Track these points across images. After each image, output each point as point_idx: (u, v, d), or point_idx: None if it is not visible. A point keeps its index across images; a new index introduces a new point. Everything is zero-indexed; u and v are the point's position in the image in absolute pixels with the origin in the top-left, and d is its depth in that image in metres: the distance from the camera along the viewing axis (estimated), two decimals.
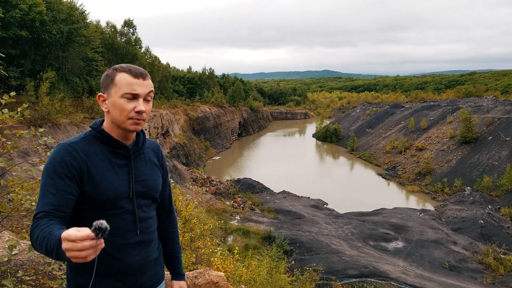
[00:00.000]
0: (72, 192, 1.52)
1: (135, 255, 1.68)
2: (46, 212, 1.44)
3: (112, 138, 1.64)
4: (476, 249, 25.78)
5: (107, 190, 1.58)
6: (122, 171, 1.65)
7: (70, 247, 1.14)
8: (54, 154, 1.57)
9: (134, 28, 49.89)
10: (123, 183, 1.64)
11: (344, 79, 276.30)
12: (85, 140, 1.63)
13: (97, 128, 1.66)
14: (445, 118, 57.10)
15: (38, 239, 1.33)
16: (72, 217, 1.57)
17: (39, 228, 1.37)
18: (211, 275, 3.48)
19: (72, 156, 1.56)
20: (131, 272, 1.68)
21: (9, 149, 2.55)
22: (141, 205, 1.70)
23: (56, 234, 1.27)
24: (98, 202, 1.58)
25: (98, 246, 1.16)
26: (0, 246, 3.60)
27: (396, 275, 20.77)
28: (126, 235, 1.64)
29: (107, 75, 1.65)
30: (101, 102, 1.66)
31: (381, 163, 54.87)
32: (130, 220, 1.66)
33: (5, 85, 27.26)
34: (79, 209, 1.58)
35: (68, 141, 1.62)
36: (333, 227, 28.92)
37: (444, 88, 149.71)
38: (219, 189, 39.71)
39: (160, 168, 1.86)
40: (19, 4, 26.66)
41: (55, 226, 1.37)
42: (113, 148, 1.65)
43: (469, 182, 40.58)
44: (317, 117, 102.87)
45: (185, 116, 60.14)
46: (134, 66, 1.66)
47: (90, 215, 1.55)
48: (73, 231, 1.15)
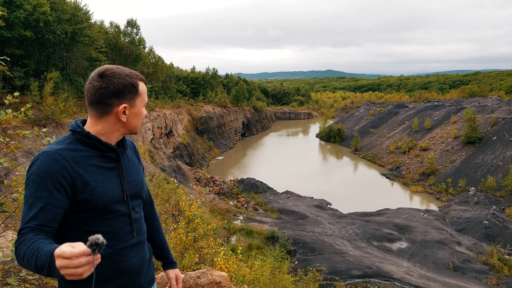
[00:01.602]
0: (61, 205, 1.43)
1: (133, 257, 1.66)
2: (31, 228, 1.36)
3: (101, 142, 1.56)
4: (480, 249, 25.65)
5: (102, 196, 1.52)
6: (112, 174, 1.60)
7: (65, 265, 1.09)
8: (41, 163, 1.44)
9: (137, 28, 50.10)
10: (116, 187, 1.59)
11: (347, 79, 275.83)
12: (71, 145, 1.53)
13: (82, 131, 1.56)
14: (449, 118, 56.84)
15: (25, 256, 1.27)
16: (69, 225, 1.51)
17: (25, 244, 1.30)
18: (214, 275, 3.48)
19: (61, 165, 1.45)
20: (130, 275, 1.66)
21: (13, 149, 2.56)
22: (134, 206, 1.67)
23: (46, 250, 1.21)
24: (95, 209, 1.52)
25: (95, 262, 1.11)
26: (4, 245, 3.62)
27: (400, 275, 20.70)
28: (124, 238, 1.61)
29: (132, 84, 1.58)
30: (122, 114, 1.57)
31: (385, 163, 54.71)
32: (127, 222, 1.63)
33: (10, 85, 27.43)
34: (74, 217, 1.51)
35: (53, 148, 1.49)
36: (336, 227, 28.86)
37: (448, 88, 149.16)
38: (222, 189, 39.74)
39: (140, 164, 1.85)
40: (23, 4, 26.81)
41: (43, 241, 1.30)
42: (102, 152, 1.58)
43: (474, 182, 40.37)
44: (321, 117, 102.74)
45: (188, 116, 60.24)
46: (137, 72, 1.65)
47: (88, 221, 1.52)
48: (67, 247, 1.10)
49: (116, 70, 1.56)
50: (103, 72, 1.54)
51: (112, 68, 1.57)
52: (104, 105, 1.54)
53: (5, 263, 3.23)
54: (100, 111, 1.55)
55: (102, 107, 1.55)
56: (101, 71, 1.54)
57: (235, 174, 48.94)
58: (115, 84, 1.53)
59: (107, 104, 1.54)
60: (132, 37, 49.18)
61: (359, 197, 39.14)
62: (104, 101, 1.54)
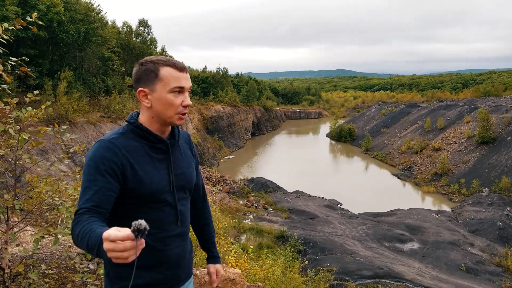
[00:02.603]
0: (113, 189, 1.51)
1: (175, 247, 1.72)
2: (87, 208, 1.43)
3: (151, 133, 1.63)
4: (494, 251, 25.27)
5: (150, 185, 1.58)
6: (161, 165, 1.65)
7: (112, 248, 1.13)
8: (95, 150, 1.55)
9: (149, 28, 50.49)
10: (163, 177, 1.64)
11: (358, 78, 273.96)
12: (124, 135, 1.62)
13: (135, 122, 1.64)
14: (462, 118, 56.04)
15: (79, 235, 1.33)
16: (116, 212, 1.58)
17: (80, 224, 1.37)
18: (228, 272, 3.50)
19: (113, 152, 1.54)
20: (170, 265, 1.71)
21: (34, 145, 2.61)
22: (180, 198, 1.72)
23: (98, 231, 1.26)
24: (142, 197, 1.58)
25: (139, 247, 1.14)
26: (23, 241, 3.70)
27: (411, 276, 20.51)
28: (168, 227, 1.67)
29: (149, 69, 1.60)
30: (142, 97, 1.62)
31: (397, 164, 54.21)
32: (172, 213, 1.68)
33: (24, 85, 27.90)
34: (122, 203, 1.58)
35: (107, 137, 1.60)
36: (347, 227, 28.71)
37: (461, 87, 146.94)
38: (232, 188, 39.83)
39: (193, 158, 1.89)
40: (37, 4, 27.23)
41: (96, 223, 1.37)
42: (152, 143, 1.64)
43: (487, 183, 39.76)
44: (331, 116, 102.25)
45: (199, 116, 60.52)
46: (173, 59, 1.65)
47: (134, 209, 1.59)
48: (114, 231, 1.14)
49: (148, 58, 1.63)
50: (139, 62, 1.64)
51: (148, 57, 1.64)
52: (135, 91, 1.64)
53: (26, 258, 3.29)
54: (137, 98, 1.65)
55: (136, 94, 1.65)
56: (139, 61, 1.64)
57: (245, 173, 49.01)
58: (137, 70, 1.62)
59: (135, 90, 1.64)
60: (143, 37, 49.60)
61: (370, 197, 38.86)
62: (134, 87, 1.65)
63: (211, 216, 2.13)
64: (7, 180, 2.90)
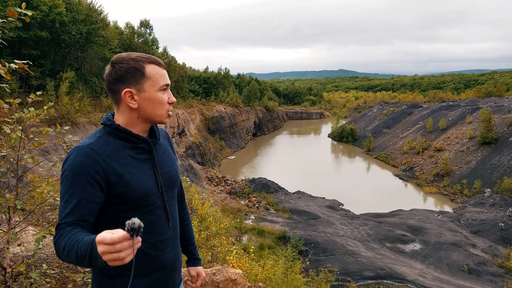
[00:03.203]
0: (95, 199, 1.42)
1: (169, 252, 1.65)
2: (68, 223, 1.37)
3: (132, 134, 1.53)
4: (496, 252, 25.20)
5: (137, 188, 1.50)
6: (146, 166, 1.56)
7: (107, 250, 1.10)
8: (73, 159, 1.43)
9: (150, 29, 50.52)
10: (150, 178, 1.56)
11: (360, 79, 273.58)
12: (102, 139, 1.50)
13: (112, 124, 1.53)
14: (464, 119, 55.93)
15: (65, 249, 1.28)
16: (104, 220, 1.50)
17: (64, 237, 1.32)
18: (229, 272, 3.50)
19: (93, 160, 1.43)
20: (166, 270, 1.65)
21: (36, 145, 2.63)
22: (168, 198, 1.64)
23: (86, 239, 1.23)
24: (131, 201, 1.50)
25: (135, 246, 1.12)
26: (25, 241, 3.71)
27: (413, 277, 20.47)
28: (160, 231, 1.60)
29: (133, 68, 1.50)
30: (129, 99, 1.51)
31: (398, 164, 54.13)
32: (162, 215, 1.61)
33: (27, 85, 27.97)
34: (110, 210, 1.50)
35: (84, 143, 1.48)
36: (349, 228, 28.68)
37: (463, 87, 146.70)
38: (234, 189, 39.85)
39: (174, 154, 1.81)
40: (39, 5, 27.29)
41: (81, 233, 1.32)
42: (133, 144, 1.54)
43: (489, 184, 39.66)
44: (333, 117, 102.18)
45: (200, 116, 60.56)
46: (150, 55, 1.58)
47: (123, 215, 1.48)
48: (108, 233, 1.12)
49: (123, 55, 1.52)
50: (113, 60, 1.52)
51: (122, 54, 1.53)
52: (113, 93, 1.53)
53: (28, 258, 3.30)
54: (114, 100, 1.55)
55: (112, 95, 1.54)
56: (112, 59, 1.53)
57: (247, 173, 49.02)
58: (117, 69, 1.49)
59: (114, 91, 1.52)
60: (145, 37, 49.65)
61: (372, 198, 38.81)
62: (111, 88, 1.52)
63: (190, 216, 2.03)
64: (9, 180, 2.91)
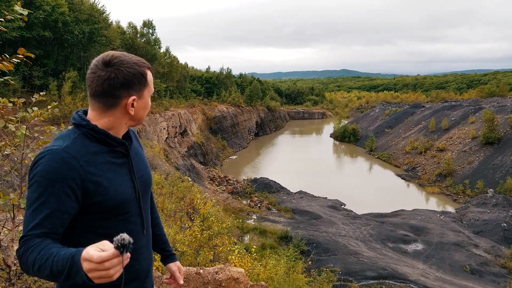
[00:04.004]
0: (69, 210, 1.30)
1: (143, 260, 1.58)
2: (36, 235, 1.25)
3: (110, 136, 1.43)
4: (498, 252, 25.13)
5: (115, 196, 1.40)
6: (123, 171, 1.46)
7: (95, 268, 1.04)
8: (46, 164, 1.28)
9: (153, 29, 50.62)
10: (128, 184, 1.47)
11: (362, 79, 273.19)
12: (78, 141, 1.37)
13: (88, 125, 1.40)
14: (467, 118, 55.79)
15: (36, 263, 1.17)
16: (77, 229, 1.39)
17: (34, 251, 1.20)
18: (232, 271, 3.52)
19: (70, 166, 1.29)
20: (140, 279, 1.57)
21: (40, 144, 2.65)
22: (144, 203, 1.56)
23: (63, 254, 1.14)
24: (109, 209, 1.40)
25: (124, 262, 1.07)
26: None
27: (415, 277, 20.45)
28: (135, 239, 1.44)
29: (139, 73, 1.42)
30: (131, 107, 1.43)
31: (401, 164, 54.04)
32: (138, 222, 1.52)
33: (30, 85, 28.07)
34: (85, 219, 1.39)
35: (59, 145, 1.33)
36: (351, 228, 28.66)
37: (466, 87, 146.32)
38: (236, 188, 39.87)
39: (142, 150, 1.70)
40: (42, 5, 27.39)
41: (54, 246, 1.21)
42: (111, 147, 1.43)
43: (492, 184, 39.55)
44: (335, 117, 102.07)
45: (202, 116, 60.63)
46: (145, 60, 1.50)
47: (99, 224, 1.40)
48: (95, 251, 1.05)
49: (123, 57, 1.40)
50: (109, 61, 1.37)
51: (119, 55, 1.40)
52: (112, 98, 1.38)
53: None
54: (107, 104, 1.40)
55: (109, 100, 1.39)
56: (107, 59, 1.38)
57: (249, 173, 49.02)
58: (125, 74, 1.37)
59: (115, 96, 1.38)
60: (148, 37, 49.75)
61: (374, 198, 38.76)
62: (112, 93, 1.38)
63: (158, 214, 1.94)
64: (13, 179, 2.93)
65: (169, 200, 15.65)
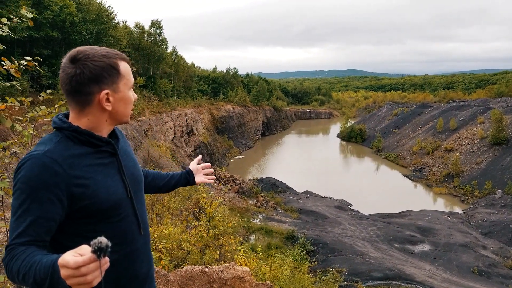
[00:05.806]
0: (54, 217, 1.26)
1: (141, 261, 1.53)
2: (20, 244, 1.21)
3: (94, 136, 1.37)
4: (507, 254, 24.88)
5: (106, 197, 1.35)
6: (111, 171, 1.42)
7: (72, 274, 0.98)
8: (28, 170, 1.24)
9: (161, 29, 50.86)
10: (118, 184, 1.42)
11: (369, 78, 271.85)
12: (60, 145, 1.32)
13: (70, 127, 1.35)
14: (475, 119, 55.27)
15: (20, 272, 1.14)
16: (67, 234, 1.35)
17: (18, 259, 1.17)
18: (237, 269, 3.52)
19: (53, 171, 1.25)
20: (139, 281, 1.52)
21: None
22: (137, 202, 1.52)
23: (45, 261, 1.10)
24: (100, 212, 1.35)
25: (103, 267, 1.01)
26: None
27: (422, 278, 20.31)
28: (131, 240, 1.46)
29: (108, 65, 1.35)
30: (106, 101, 1.36)
31: (408, 164, 53.71)
32: (133, 221, 1.48)
33: (38, 84, 28.35)
34: (75, 224, 1.34)
35: (40, 150, 1.28)
36: (357, 228, 28.55)
37: (474, 87, 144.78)
38: (242, 188, 39.91)
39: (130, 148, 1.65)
40: (51, 5, 27.66)
41: (38, 253, 1.18)
42: (97, 148, 1.39)
43: (500, 184, 39.13)
44: (342, 117, 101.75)
45: (209, 115, 60.77)
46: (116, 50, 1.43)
47: (89, 228, 1.36)
48: (71, 256, 1.00)
49: (89, 51, 1.33)
50: (75, 56, 1.32)
51: (85, 49, 1.34)
52: (84, 95, 1.33)
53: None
54: (80, 102, 1.34)
55: (82, 97, 1.33)
56: (73, 55, 1.32)
57: (255, 173, 49.04)
58: (91, 68, 1.31)
59: (85, 92, 1.32)
60: (155, 37, 50.00)
61: (381, 198, 38.57)
62: (81, 89, 1.32)
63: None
64: None
65: (175, 199, 15.71)
